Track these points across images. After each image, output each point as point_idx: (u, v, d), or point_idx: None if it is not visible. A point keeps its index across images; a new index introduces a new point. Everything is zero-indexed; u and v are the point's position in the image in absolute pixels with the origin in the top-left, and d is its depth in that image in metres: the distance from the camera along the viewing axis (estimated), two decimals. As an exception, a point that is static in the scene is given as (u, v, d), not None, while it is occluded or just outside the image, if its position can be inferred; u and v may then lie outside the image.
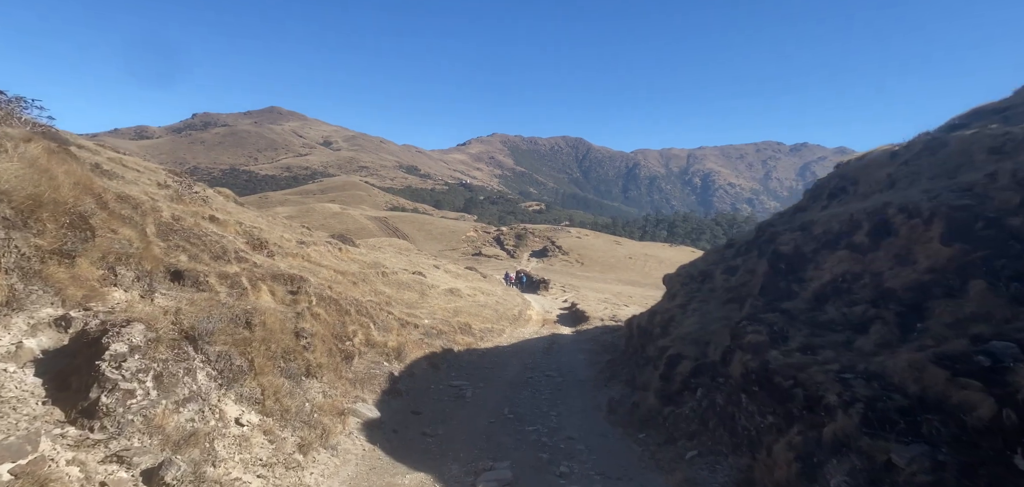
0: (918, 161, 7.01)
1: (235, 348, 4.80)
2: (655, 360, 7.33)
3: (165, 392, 3.77)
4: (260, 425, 4.55)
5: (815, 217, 6.38)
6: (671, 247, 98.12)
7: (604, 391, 9.27)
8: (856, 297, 4.76)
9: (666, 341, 7.35)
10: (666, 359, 6.76)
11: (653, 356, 7.49)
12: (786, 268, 5.30)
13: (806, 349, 4.39)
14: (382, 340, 11.38)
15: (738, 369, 4.62)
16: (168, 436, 3.55)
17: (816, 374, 4.00)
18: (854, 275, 4.99)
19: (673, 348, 6.87)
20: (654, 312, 9.03)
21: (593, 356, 14.59)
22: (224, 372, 4.54)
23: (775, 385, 4.22)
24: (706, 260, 10.04)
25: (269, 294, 8.52)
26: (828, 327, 4.64)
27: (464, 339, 15.49)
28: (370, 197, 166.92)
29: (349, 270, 17.68)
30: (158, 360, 3.87)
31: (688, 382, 6.07)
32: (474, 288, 28.82)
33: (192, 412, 3.91)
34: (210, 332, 4.70)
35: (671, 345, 7.05)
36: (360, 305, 12.29)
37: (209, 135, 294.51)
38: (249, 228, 14.18)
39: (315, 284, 10.85)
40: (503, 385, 10.50)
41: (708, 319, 7.24)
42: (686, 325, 7.42)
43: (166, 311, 4.67)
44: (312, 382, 6.90)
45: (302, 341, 7.33)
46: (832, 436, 3.55)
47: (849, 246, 5.44)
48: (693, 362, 6.24)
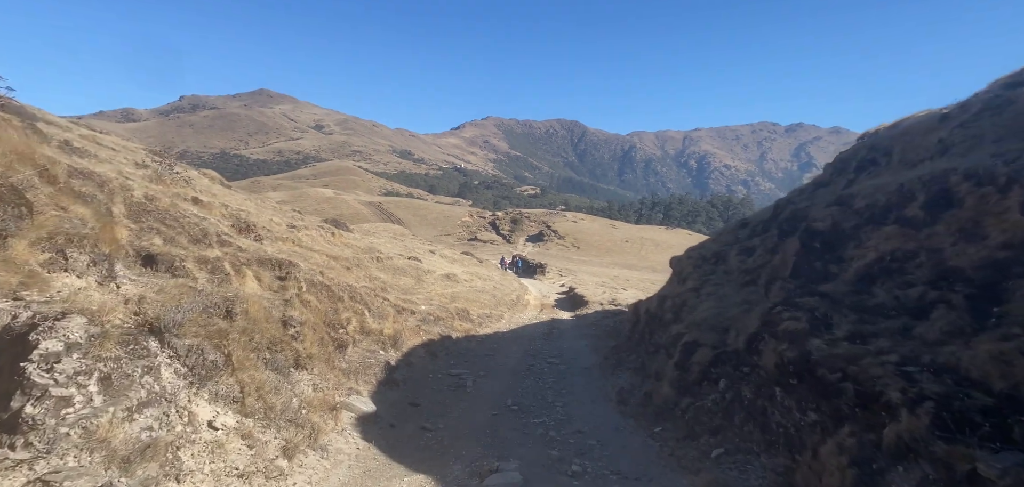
0: (978, 122, 6.36)
1: (209, 341, 4.24)
2: (668, 347, 6.86)
3: (114, 397, 3.21)
4: (238, 427, 4.02)
5: (854, 190, 5.85)
6: (667, 230, 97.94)
7: (611, 379, 8.82)
8: (911, 278, 4.26)
9: (680, 327, 6.87)
10: (681, 347, 6.28)
11: (666, 343, 7.02)
12: (821, 247, 4.80)
13: (855, 338, 3.89)
14: (377, 327, 10.86)
15: (771, 360, 4.15)
16: (114, 451, 2.99)
17: (871, 367, 3.52)
18: (907, 253, 4.47)
19: (689, 335, 6.39)
20: (664, 296, 8.56)
21: (595, 342, 14.15)
22: (196, 368, 3.99)
23: (819, 379, 3.74)
24: (719, 241, 9.56)
25: (255, 280, 7.93)
26: (879, 312, 4.14)
27: (462, 325, 15.00)
28: (363, 182, 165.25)
29: (342, 255, 17.08)
30: (105, 359, 3.29)
31: (707, 372, 5.61)
32: (471, 273, 28.32)
33: (151, 418, 3.35)
34: (179, 323, 4.14)
35: (686, 332, 6.58)
36: (354, 291, 11.73)
37: (198, 118, 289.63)
38: (235, 211, 13.51)
39: (306, 269, 10.26)
40: (505, 373, 10.03)
41: (725, 304, 6.76)
42: (701, 310, 6.94)
43: (127, 300, 4.10)
44: (301, 374, 6.37)
45: (290, 330, 6.78)
46: (895, 440, 3.08)
47: (900, 220, 4.92)
48: (712, 350, 5.77)
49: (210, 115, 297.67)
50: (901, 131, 7.47)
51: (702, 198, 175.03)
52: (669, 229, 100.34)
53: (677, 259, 11.20)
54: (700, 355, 5.91)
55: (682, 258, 10.73)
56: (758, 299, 6.45)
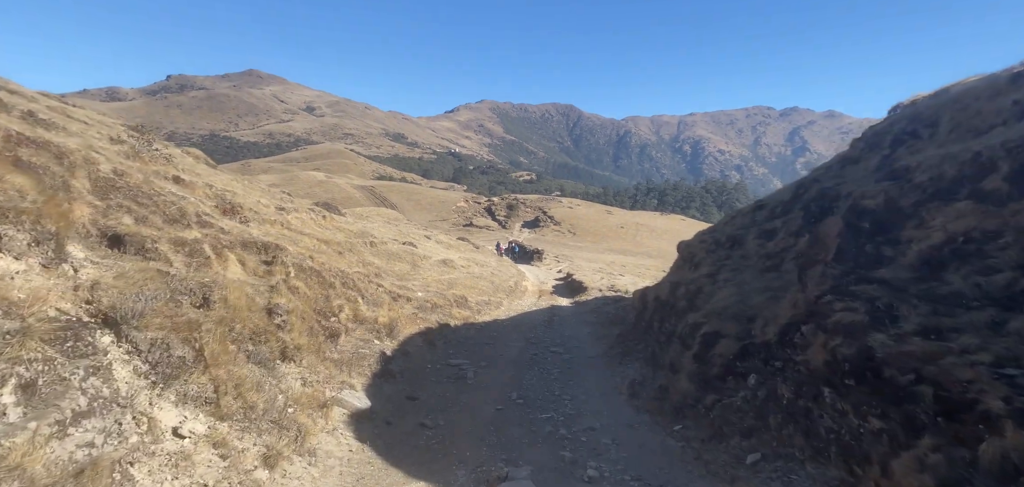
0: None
1: (178, 333, 3.65)
2: (684, 337, 6.36)
3: (38, 409, 2.61)
4: (209, 434, 3.45)
5: (912, 162, 5.30)
6: (662, 216, 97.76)
7: (619, 370, 8.34)
8: (994, 262, 3.74)
9: (697, 316, 6.37)
10: (701, 337, 5.78)
11: (681, 333, 6.51)
12: (872, 228, 4.28)
13: (929, 332, 3.38)
14: (372, 315, 10.29)
15: (819, 355, 3.65)
16: (33, 480, 2.38)
17: (957, 368, 3.01)
18: (987, 233, 3.94)
19: (708, 324, 5.89)
20: (676, 283, 8.04)
21: (599, 329, 13.68)
22: (160, 365, 3.41)
23: (885, 380, 3.23)
24: (734, 224, 9.05)
25: (238, 264, 7.30)
26: (956, 303, 3.63)
27: (461, 313, 14.47)
28: (356, 165, 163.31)
29: (334, 239, 16.42)
30: (28, 361, 2.69)
31: (732, 366, 5.12)
32: (468, 259, 27.76)
33: (94, 432, 2.76)
34: (141, 313, 3.55)
35: (705, 321, 6.08)
36: (346, 277, 11.13)
37: (186, 98, 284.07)
38: (220, 191, 12.79)
39: (294, 253, 9.64)
40: (507, 363, 9.52)
41: (747, 291, 6.26)
42: (720, 298, 6.43)
43: (78, 286, 3.49)
44: (288, 367, 5.80)
45: (276, 319, 6.19)
46: (998, 458, 2.59)
47: (975, 195, 4.39)
48: (737, 342, 5.28)
49: (199, 96, 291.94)
50: (951, 98, 6.85)
51: (697, 184, 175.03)
52: (664, 215, 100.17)
53: (686, 244, 10.69)
54: (723, 347, 5.41)
55: (693, 242, 10.21)
56: (782, 286, 5.94)
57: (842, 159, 8.17)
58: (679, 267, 10.48)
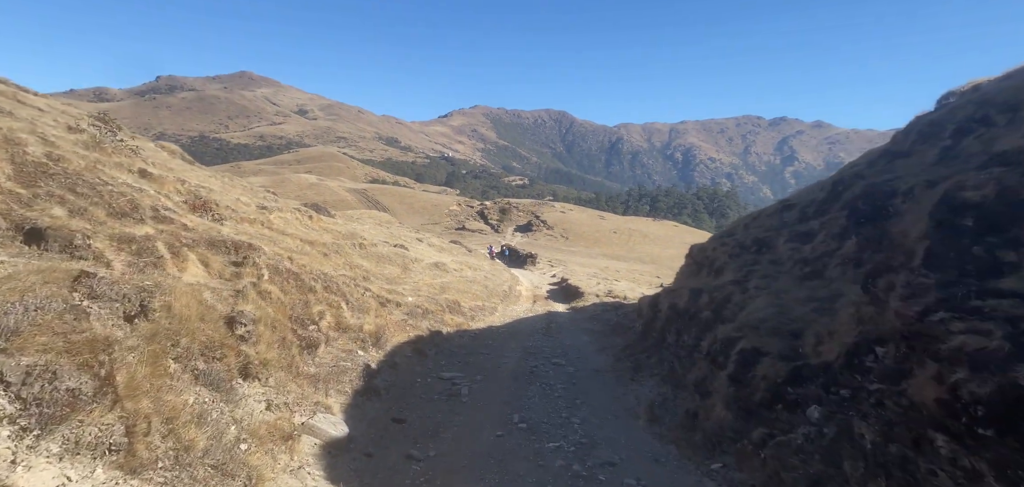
0: None
1: (72, 356, 2.72)
2: (714, 354, 5.53)
3: None
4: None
5: (1011, 145, 4.52)
6: (654, 221, 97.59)
7: (632, 387, 7.48)
8: None
9: (728, 329, 5.55)
10: (737, 355, 4.95)
11: (711, 349, 5.67)
12: (977, 225, 3.50)
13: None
14: (356, 323, 9.35)
15: (929, 392, 2.83)
16: None
17: None
18: None
19: (745, 340, 5.07)
20: (697, 290, 7.22)
21: (601, 339, 12.84)
22: (39, 403, 2.45)
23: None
24: (759, 226, 8.25)
25: (199, 266, 6.35)
26: None
27: (453, 319, 13.56)
28: (349, 169, 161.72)
29: (320, 240, 15.45)
30: None
31: (781, 392, 4.28)
32: (461, 262, 26.83)
33: None
34: (14, 331, 2.61)
35: (739, 335, 5.25)
36: (329, 281, 10.18)
37: (175, 100, 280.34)
38: (194, 187, 11.79)
39: (270, 254, 8.68)
40: (505, 378, 8.63)
41: (786, 301, 5.46)
42: (754, 309, 5.63)
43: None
44: (251, 388, 4.87)
45: (239, 330, 5.25)
46: None
47: None
48: (784, 363, 4.44)
49: (188, 97, 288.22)
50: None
51: (688, 190, 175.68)
52: (656, 220, 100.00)
53: (700, 248, 9.89)
54: (766, 368, 4.58)
55: (708, 246, 9.41)
56: (829, 295, 5.14)
57: (886, 153, 7.40)
58: (693, 273, 9.69)
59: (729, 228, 9.89)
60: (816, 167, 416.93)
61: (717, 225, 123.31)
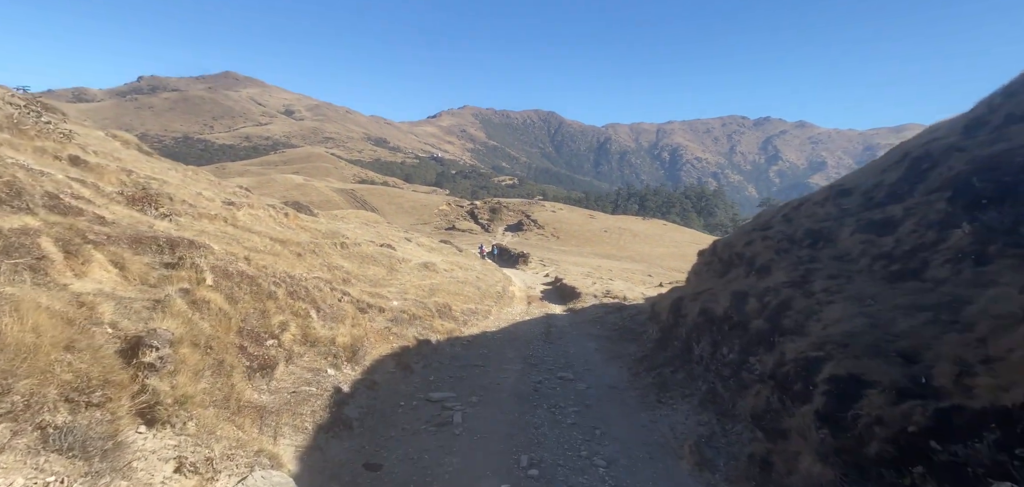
0: None
1: None
2: (783, 378, 4.22)
3: None
4: None
5: None
6: (644, 220, 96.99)
7: (660, 412, 6.16)
8: None
9: (800, 345, 4.25)
10: (826, 384, 3.64)
11: (777, 372, 4.34)
12: None
13: None
14: (328, 334, 7.93)
15: None
16: None
17: None
18: None
19: (832, 362, 3.75)
20: (740, 294, 5.91)
21: (609, 346, 11.53)
22: None
23: None
24: (808, 214, 6.97)
25: (110, 268, 4.89)
26: None
27: (444, 325, 12.15)
28: (336, 169, 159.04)
29: (294, 239, 13.93)
30: None
31: (919, 448, 2.98)
32: (451, 262, 25.38)
33: None
34: None
35: (821, 354, 3.93)
36: (297, 284, 8.72)
37: (158, 100, 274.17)
38: (142, 179, 10.24)
39: (220, 254, 7.21)
40: (505, 398, 7.26)
41: (877, 309, 4.17)
42: (831, 319, 4.33)
43: None
44: (155, 439, 3.46)
45: (148, 356, 3.82)
46: None
47: None
48: (911, 402, 3.12)
49: (172, 97, 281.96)
50: None
51: (676, 190, 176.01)
52: (645, 219, 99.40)
53: (725, 243, 8.59)
54: (880, 407, 3.25)
55: (742, 240, 8.07)
56: (948, 303, 3.86)
57: (976, 123, 6.11)
58: (717, 272, 8.42)
59: (760, 220, 8.62)
60: (800, 166, 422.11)
61: (705, 224, 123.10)
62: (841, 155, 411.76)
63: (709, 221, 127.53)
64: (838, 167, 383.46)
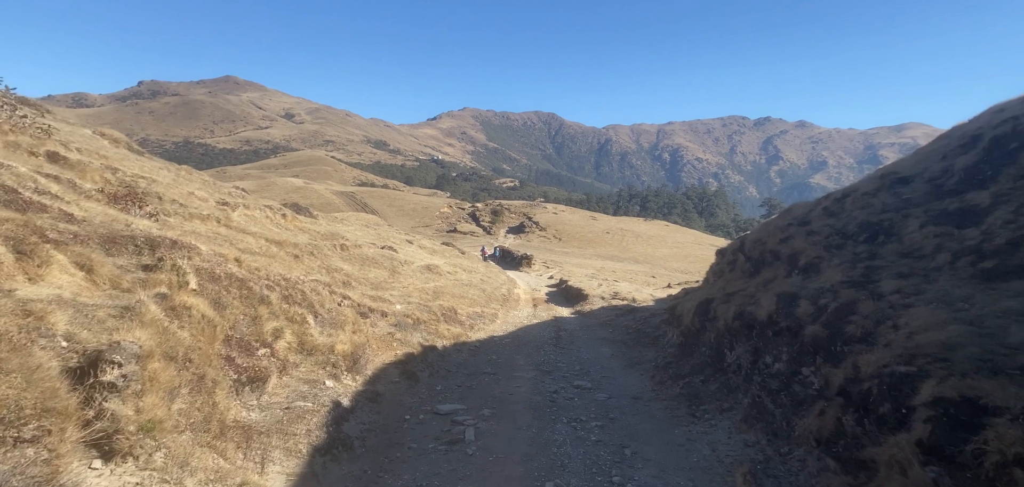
0: None
1: None
2: (861, 396, 3.52)
3: None
4: None
5: None
6: (645, 221, 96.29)
7: (696, 429, 5.52)
8: None
9: (881, 356, 3.58)
10: (930, 409, 2.96)
11: (851, 389, 3.66)
12: None
13: None
14: (326, 341, 7.31)
15: None
16: None
17: None
18: None
19: (932, 380, 3.07)
20: (789, 295, 5.24)
21: (624, 351, 10.90)
22: None
23: None
24: (861, 205, 6.29)
25: (74, 271, 4.27)
26: None
27: (450, 330, 11.53)
28: (337, 172, 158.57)
29: (291, 241, 13.32)
30: None
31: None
32: (454, 265, 24.76)
33: None
34: None
35: (912, 369, 3.26)
36: (293, 288, 8.11)
37: (158, 105, 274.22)
38: (130, 178, 9.64)
39: (207, 255, 6.59)
40: (520, 411, 6.63)
41: (975, 317, 3.51)
42: (917, 326, 3.66)
43: None
44: (111, 475, 2.84)
45: (108, 374, 3.20)
46: None
47: None
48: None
49: (172, 102, 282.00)
50: None
51: (677, 190, 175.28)
52: (647, 220, 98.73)
53: (756, 239, 7.91)
54: (1010, 440, 2.63)
55: (776, 236, 7.41)
56: None
57: None
58: (747, 273, 7.78)
59: (793, 215, 7.93)
60: (800, 166, 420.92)
61: (707, 224, 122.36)
62: (842, 155, 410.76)
63: (711, 222, 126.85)
64: (839, 167, 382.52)
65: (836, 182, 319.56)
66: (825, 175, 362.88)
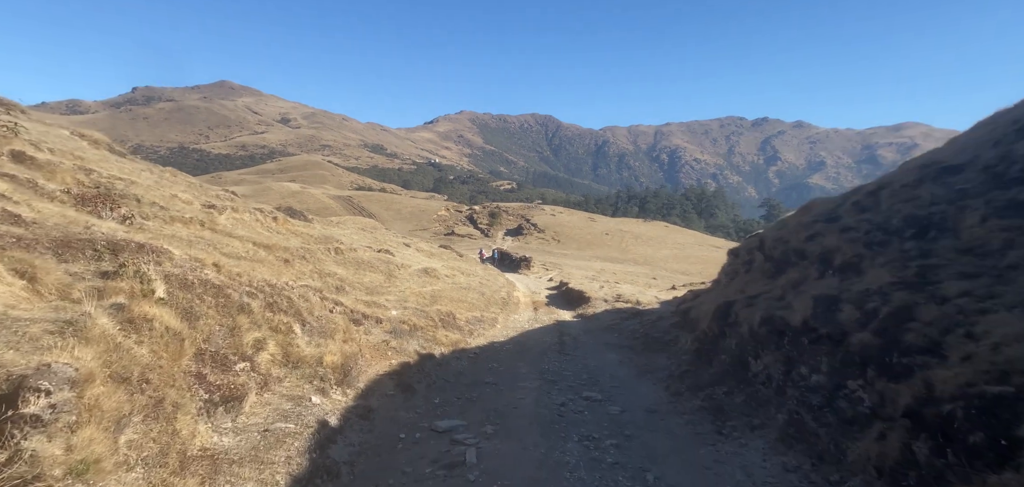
0: None
1: None
2: (936, 420, 2.94)
3: None
4: None
5: None
6: (644, 223, 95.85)
7: (724, 448, 4.95)
8: None
9: (954, 373, 3.01)
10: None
11: (921, 407, 3.10)
12: None
13: None
14: (314, 352, 6.73)
15: None
16: None
17: None
18: None
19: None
20: (830, 299, 4.63)
21: (633, 357, 10.34)
22: None
23: None
24: (901, 199, 5.63)
25: (10, 279, 3.69)
26: None
27: (448, 336, 10.95)
28: (334, 177, 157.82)
29: (281, 244, 12.72)
30: None
31: None
32: (453, 268, 24.16)
33: None
34: None
35: (1009, 390, 2.76)
36: (279, 294, 7.51)
37: (153, 111, 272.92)
38: (105, 179, 9.04)
39: (181, 259, 6.00)
40: (526, 426, 6.06)
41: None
42: (1000, 335, 3.10)
43: None
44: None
45: (28, 408, 2.64)
46: None
47: None
48: None
49: (166, 107, 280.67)
50: None
51: (676, 191, 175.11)
52: (646, 221, 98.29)
53: (775, 237, 7.35)
54: None
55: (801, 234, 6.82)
56: None
57: None
58: (766, 272, 7.24)
59: (820, 210, 7.33)
60: (799, 166, 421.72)
61: (706, 225, 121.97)
62: (840, 155, 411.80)
63: (710, 222, 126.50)
64: (837, 167, 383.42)
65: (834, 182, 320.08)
66: (823, 175, 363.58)
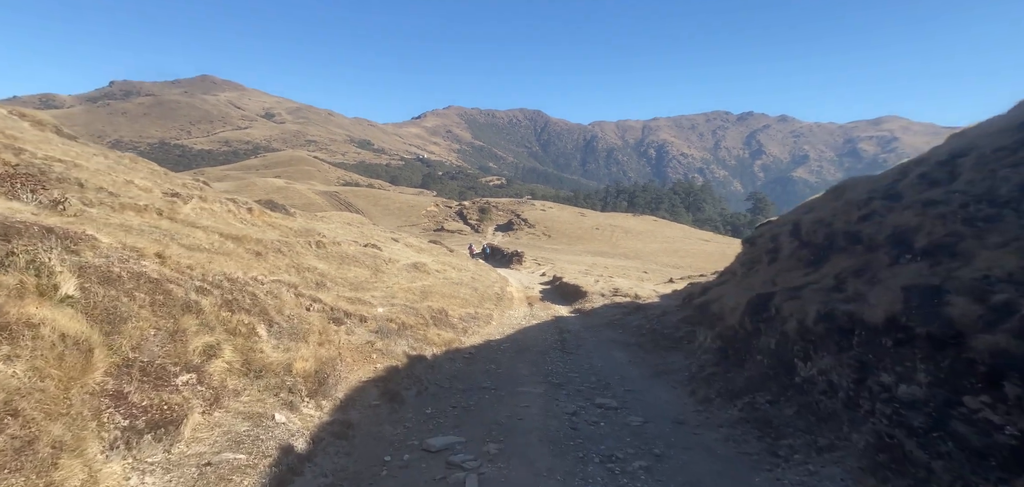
0: None
1: None
2: None
3: None
4: None
5: None
6: (634, 217, 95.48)
7: (789, 476, 4.03)
8: None
9: None
10: None
11: None
12: None
13: None
14: (282, 357, 5.68)
15: None
16: None
17: None
18: None
19: None
20: (931, 290, 3.64)
21: (644, 357, 9.43)
22: None
23: None
24: (1008, 163, 4.72)
25: None
26: None
27: (440, 335, 9.92)
28: (320, 173, 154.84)
29: (255, 236, 11.55)
30: None
31: None
32: (443, 263, 23.08)
33: None
34: None
35: None
36: (239, 290, 6.42)
37: (131, 106, 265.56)
38: (40, 160, 7.83)
39: (109, 247, 4.88)
40: (536, 446, 5.07)
41: None
42: None
43: None
44: None
45: None
46: None
47: None
48: None
49: (146, 102, 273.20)
50: None
51: (664, 186, 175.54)
52: (636, 216, 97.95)
53: (816, 220, 6.41)
54: None
55: (861, 211, 5.89)
56: None
57: None
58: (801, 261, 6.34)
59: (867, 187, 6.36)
60: (783, 160, 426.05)
61: (694, 219, 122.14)
62: (822, 148, 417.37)
63: (698, 216, 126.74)
64: (820, 160, 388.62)
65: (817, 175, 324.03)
66: (807, 168, 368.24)
